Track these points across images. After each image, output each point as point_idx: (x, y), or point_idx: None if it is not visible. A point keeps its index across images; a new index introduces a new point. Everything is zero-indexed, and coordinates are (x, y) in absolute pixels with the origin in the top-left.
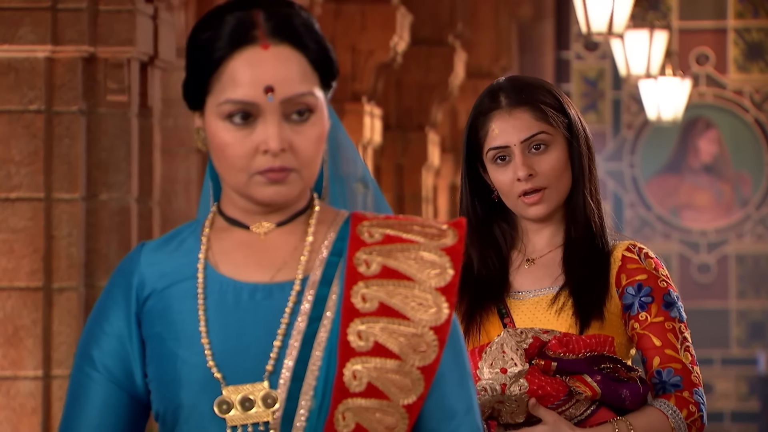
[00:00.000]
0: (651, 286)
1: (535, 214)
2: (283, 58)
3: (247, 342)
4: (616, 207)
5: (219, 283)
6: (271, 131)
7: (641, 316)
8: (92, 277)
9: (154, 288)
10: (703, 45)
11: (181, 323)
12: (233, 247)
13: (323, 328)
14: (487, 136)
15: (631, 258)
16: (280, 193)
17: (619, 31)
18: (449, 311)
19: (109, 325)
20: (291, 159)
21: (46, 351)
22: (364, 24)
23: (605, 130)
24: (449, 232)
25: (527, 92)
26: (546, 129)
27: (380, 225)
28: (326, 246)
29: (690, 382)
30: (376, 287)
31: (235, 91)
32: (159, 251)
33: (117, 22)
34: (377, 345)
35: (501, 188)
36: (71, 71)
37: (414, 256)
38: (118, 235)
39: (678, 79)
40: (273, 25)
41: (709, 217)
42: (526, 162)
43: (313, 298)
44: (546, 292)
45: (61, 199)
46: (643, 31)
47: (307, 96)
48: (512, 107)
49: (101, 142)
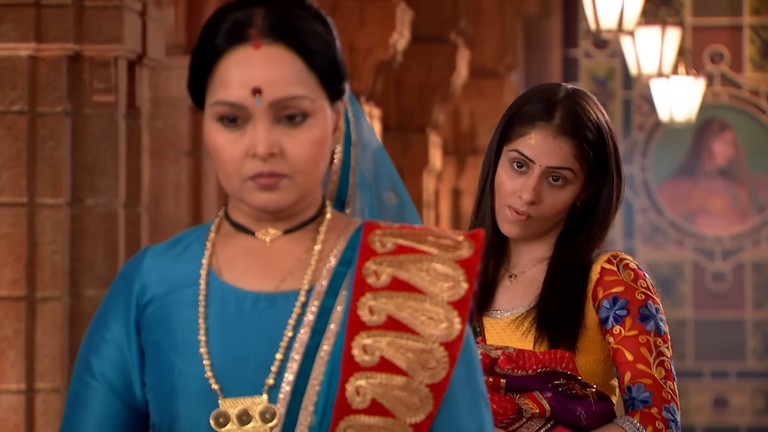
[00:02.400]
0: (627, 298)
1: (508, 232)
2: (274, 59)
3: (248, 353)
4: (627, 212)
5: (221, 290)
6: (259, 135)
7: (615, 330)
8: (77, 286)
9: (154, 294)
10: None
11: (180, 331)
12: (238, 253)
13: (326, 341)
14: (521, 138)
15: (610, 270)
16: (272, 200)
17: (630, 28)
18: (461, 326)
19: (109, 333)
20: (282, 164)
21: (29, 363)
22: (363, 20)
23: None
24: (465, 244)
25: (578, 123)
26: (574, 168)
27: (393, 234)
28: (335, 255)
29: (660, 398)
30: (384, 299)
31: (225, 93)
32: (162, 255)
33: (103, 18)
34: (383, 360)
35: (501, 189)
36: (55, 70)
37: (427, 267)
38: (105, 242)
39: (691, 79)
40: (269, 23)
41: (724, 223)
42: (537, 189)
43: (317, 309)
44: (520, 311)
45: (45, 204)
46: (654, 28)
47: (299, 100)
48: (559, 132)
49: (87, 145)
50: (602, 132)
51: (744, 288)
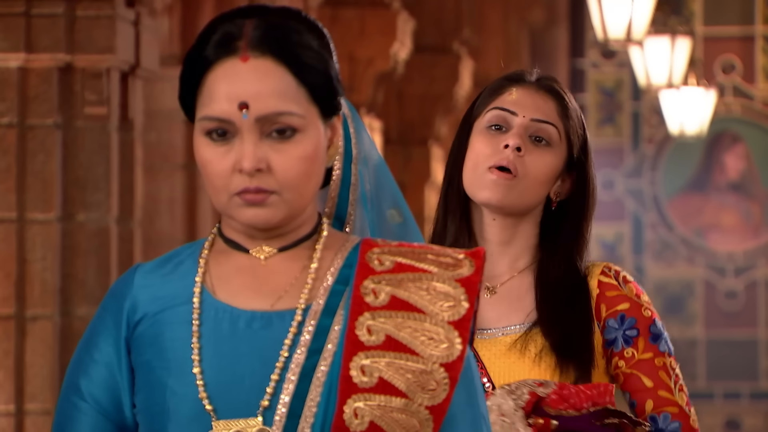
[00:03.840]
0: (635, 316)
1: (488, 198)
2: (262, 72)
3: (242, 374)
4: (636, 228)
5: (215, 309)
6: (245, 150)
7: (627, 353)
8: (68, 305)
9: (146, 312)
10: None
11: (173, 351)
12: (232, 271)
13: (323, 362)
14: (500, 97)
15: (609, 284)
16: (259, 216)
17: (639, 38)
18: (462, 347)
19: (98, 352)
20: (269, 180)
21: (19, 384)
22: (363, 30)
23: (623, 144)
24: (465, 262)
25: (558, 86)
26: (558, 126)
27: (392, 252)
28: (332, 273)
29: (690, 428)
30: (383, 319)
31: (212, 107)
32: (154, 273)
33: (95, 28)
34: (382, 381)
35: (479, 155)
36: (46, 81)
37: (426, 286)
38: (97, 259)
39: (702, 90)
40: (258, 35)
41: (736, 238)
42: (523, 138)
43: (313, 329)
44: (515, 330)
45: (35, 220)
46: (664, 38)
47: (286, 116)
48: (540, 88)
49: (78, 158)
50: (579, 113)
51: (757, 306)
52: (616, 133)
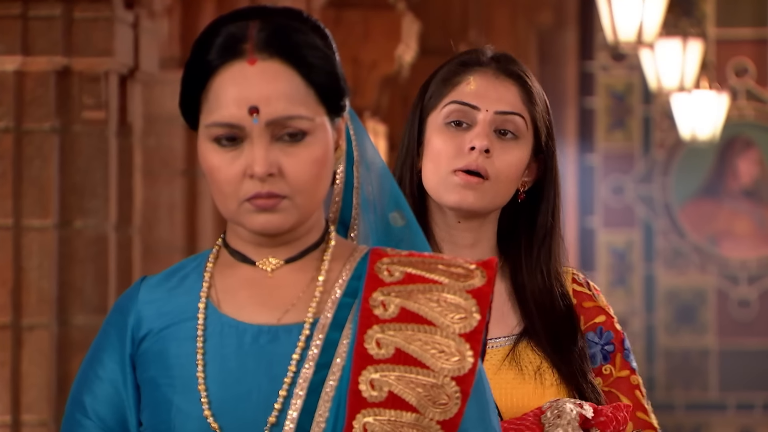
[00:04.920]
0: (610, 329)
1: (460, 200)
2: (271, 75)
3: (249, 390)
4: (646, 235)
5: (221, 324)
6: (256, 154)
7: (605, 370)
8: (66, 314)
9: (150, 328)
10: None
11: (178, 367)
12: (238, 284)
13: (332, 376)
14: (457, 88)
15: (583, 293)
16: (270, 222)
17: (650, 40)
18: (474, 360)
19: (103, 369)
20: (281, 184)
21: (15, 395)
22: (367, 32)
23: (634, 149)
24: (477, 273)
25: (518, 68)
26: (524, 115)
27: (401, 263)
28: (340, 285)
29: None
30: (392, 332)
31: (220, 112)
32: (159, 288)
33: (94, 30)
34: (392, 395)
35: (441, 156)
36: (43, 85)
37: (437, 298)
38: (95, 267)
39: (714, 94)
40: (264, 37)
41: (749, 246)
42: (490, 137)
43: (321, 343)
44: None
45: (32, 227)
46: (675, 40)
47: (297, 120)
48: (500, 72)
49: (76, 164)
50: (543, 95)
51: None
52: (626, 138)
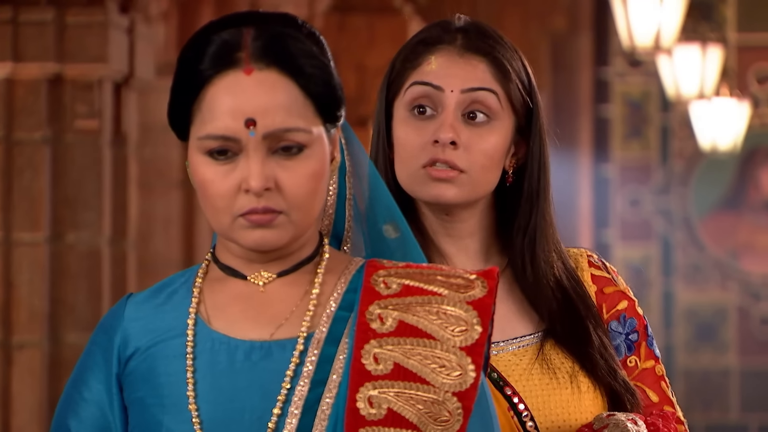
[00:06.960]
0: (634, 316)
1: (439, 194)
2: (268, 86)
3: (241, 409)
4: (665, 249)
5: (211, 340)
6: (252, 168)
7: (630, 362)
8: (57, 331)
9: (138, 346)
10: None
11: (167, 386)
12: (228, 300)
13: (328, 393)
14: (419, 68)
15: (603, 277)
16: (265, 239)
17: (668, 46)
18: (476, 374)
19: (88, 391)
20: (277, 199)
21: (5, 416)
22: (372, 38)
23: (651, 160)
24: (477, 283)
25: (493, 43)
26: (499, 93)
27: (399, 275)
28: (335, 299)
29: None
30: (390, 346)
31: (215, 124)
32: (145, 304)
33: (87, 36)
34: (391, 413)
35: (404, 152)
36: (34, 93)
37: (436, 310)
38: (88, 282)
39: (735, 101)
40: (260, 45)
41: None
42: (455, 125)
43: (316, 359)
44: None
45: (22, 241)
46: (694, 46)
47: (294, 132)
48: (466, 50)
49: (68, 175)
50: (519, 53)
51: None
52: (643, 148)
